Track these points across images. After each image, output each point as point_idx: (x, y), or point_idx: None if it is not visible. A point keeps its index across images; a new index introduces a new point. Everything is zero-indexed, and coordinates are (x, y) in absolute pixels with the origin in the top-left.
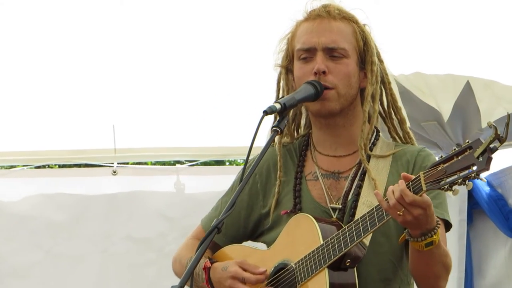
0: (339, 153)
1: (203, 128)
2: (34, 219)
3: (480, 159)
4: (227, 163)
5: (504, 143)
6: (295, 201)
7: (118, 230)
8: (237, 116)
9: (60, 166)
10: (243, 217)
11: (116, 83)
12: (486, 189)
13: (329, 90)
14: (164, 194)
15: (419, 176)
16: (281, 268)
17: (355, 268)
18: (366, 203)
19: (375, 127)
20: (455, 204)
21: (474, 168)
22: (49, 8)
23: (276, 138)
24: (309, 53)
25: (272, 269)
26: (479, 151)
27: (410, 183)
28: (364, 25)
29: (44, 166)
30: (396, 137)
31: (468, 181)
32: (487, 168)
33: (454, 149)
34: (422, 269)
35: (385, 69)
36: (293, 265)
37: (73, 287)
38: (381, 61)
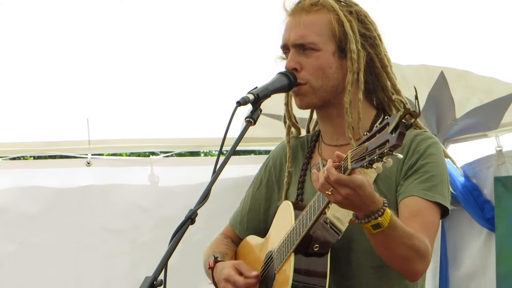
0: (340, 142)
1: (178, 119)
2: (7, 211)
3: (393, 134)
4: (202, 155)
5: (479, 133)
6: (298, 192)
7: (92, 221)
8: (212, 106)
9: (35, 158)
10: (263, 211)
11: (90, 75)
12: (461, 179)
13: (303, 85)
14: (138, 185)
15: (347, 155)
16: (268, 256)
17: (328, 256)
18: None
19: (384, 114)
20: None
21: (388, 144)
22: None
23: (285, 131)
24: (286, 49)
25: (264, 258)
26: (391, 127)
27: (342, 163)
28: (351, 12)
29: (19, 158)
30: None
31: (386, 158)
32: (398, 143)
33: (376, 126)
34: (384, 252)
35: (381, 53)
36: (274, 252)
37: (46, 278)
38: (376, 45)
